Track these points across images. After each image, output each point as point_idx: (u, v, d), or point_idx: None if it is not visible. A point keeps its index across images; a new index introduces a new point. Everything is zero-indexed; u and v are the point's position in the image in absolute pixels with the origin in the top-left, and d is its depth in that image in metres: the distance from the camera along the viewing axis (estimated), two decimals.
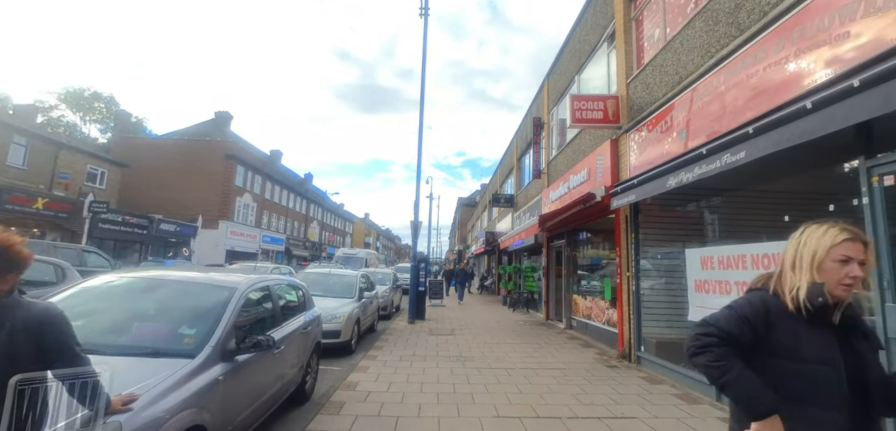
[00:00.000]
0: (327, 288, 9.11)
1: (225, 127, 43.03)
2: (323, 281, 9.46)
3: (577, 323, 10.99)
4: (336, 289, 9.08)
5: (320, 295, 8.59)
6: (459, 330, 11.22)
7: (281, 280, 4.98)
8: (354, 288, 9.12)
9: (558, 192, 11.89)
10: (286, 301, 4.85)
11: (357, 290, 9.08)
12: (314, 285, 9.15)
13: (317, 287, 9.10)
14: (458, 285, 18.26)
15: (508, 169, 22.55)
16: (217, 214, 35.16)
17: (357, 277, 9.57)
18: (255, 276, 4.21)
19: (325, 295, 8.70)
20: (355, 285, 9.25)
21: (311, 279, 9.50)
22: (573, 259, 11.70)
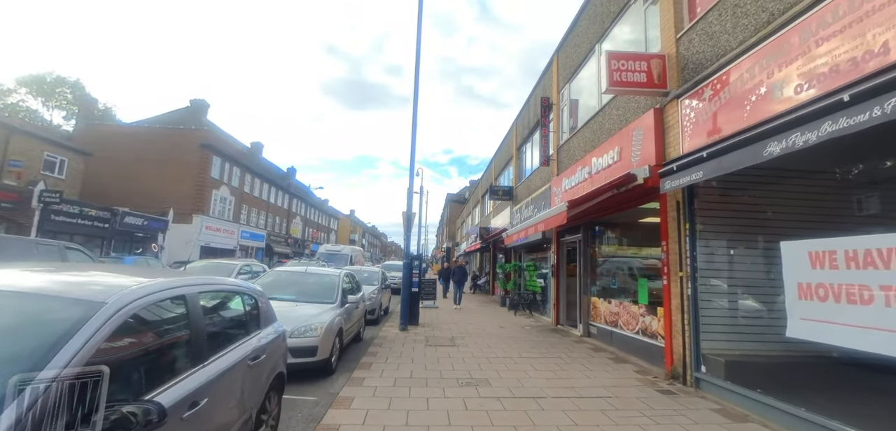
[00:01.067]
0: (302, 291, 7.35)
1: (201, 116, 40.51)
2: (297, 282, 7.69)
3: (598, 331, 9.43)
4: (313, 293, 7.32)
5: (292, 301, 6.87)
6: (461, 338, 9.58)
7: (215, 285, 3.20)
8: (336, 291, 7.38)
9: (574, 179, 10.32)
10: (223, 319, 3.12)
11: (339, 293, 7.34)
12: (285, 288, 7.42)
13: (288, 290, 7.35)
14: (456, 285, 16.05)
15: (506, 159, 20.96)
16: (191, 208, 32.85)
17: (339, 277, 7.82)
18: (160, 281, 2.44)
19: (299, 300, 6.96)
20: (337, 287, 7.51)
21: (282, 280, 7.74)
22: (592, 256, 10.14)
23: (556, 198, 11.87)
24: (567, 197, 10.69)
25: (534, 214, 14.17)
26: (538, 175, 14.51)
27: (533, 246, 15.73)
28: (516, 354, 7.98)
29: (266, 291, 7.46)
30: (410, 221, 10.71)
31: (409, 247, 10.84)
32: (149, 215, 28.02)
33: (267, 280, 7.76)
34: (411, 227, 10.76)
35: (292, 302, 6.81)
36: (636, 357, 7.65)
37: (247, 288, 3.70)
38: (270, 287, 7.39)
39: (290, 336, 5.80)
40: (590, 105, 10.46)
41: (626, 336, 8.16)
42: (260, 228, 43.85)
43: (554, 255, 12.18)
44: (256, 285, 7.76)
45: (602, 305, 9.34)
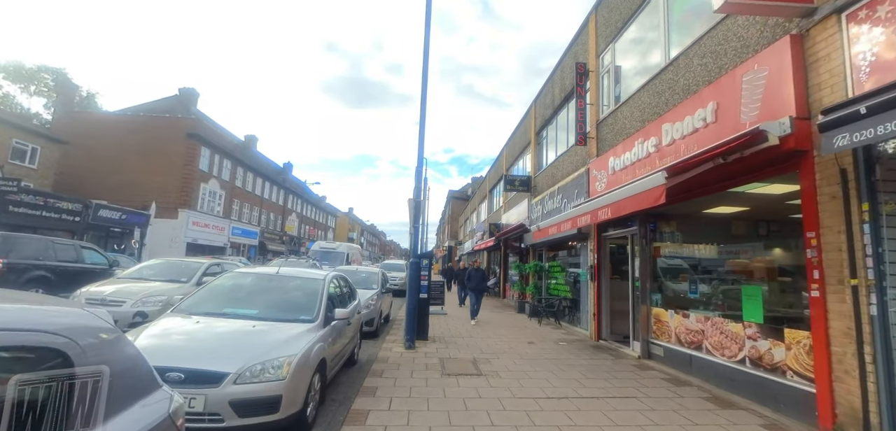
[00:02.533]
0: (270, 303, 5.08)
1: (190, 105, 38.21)
2: (263, 290, 5.39)
3: (666, 353, 7.19)
4: (284, 306, 5.05)
5: (251, 319, 4.62)
6: (485, 360, 7.33)
7: None
8: (317, 304, 5.08)
9: (629, 157, 8.08)
10: None
11: (321, 306, 5.05)
12: (243, 299, 5.18)
13: (249, 301, 5.10)
14: (474, 294, 12.12)
15: (521, 146, 18.71)
16: (176, 202, 30.59)
17: (324, 283, 5.51)
18: None
19: (262, 317, 4.69)
20: (319, 297, 5.21)
21: (239, 288, 5.43)
22: (653, 254, 7.90)
23: (597, 181, 9.62)
24: (617, 180, 8.44)
25: (563, 205, 11.92)
26: (568, 159, 12.26)
27: (556, 243, 13.49)
28: (571, 390, 5.73)
29: (211, 304, 5.27)
30: (419, 209, 8.45)
31: (418, 243, 8.56)
32: (127, 208, 25.73)
33: (217, 285, 5.44)
34: (420, 217, 8.49)
35: (251, 320, 4.55)
36: (745, 397, 5.40)
37: None
38: (220, 297, 5.13)
39: (237, 381, 3.58)
40: (649, 63, 8.21)
41: (720, 364, 5.91)
42: (253, 225, 41.59)
43: (593, 254, 9.93)
44: (199, 294, 5.54)
45: (673, 319, 7.09)
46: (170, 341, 3.84)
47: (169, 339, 3.89)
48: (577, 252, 11.85)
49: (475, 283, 12.19)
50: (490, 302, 18.86)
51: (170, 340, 3.85)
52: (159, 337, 3.92)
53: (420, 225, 8.51)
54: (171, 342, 3.84)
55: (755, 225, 7.16)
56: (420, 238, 8.69)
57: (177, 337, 3.92)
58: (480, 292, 12.24)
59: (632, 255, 8.55)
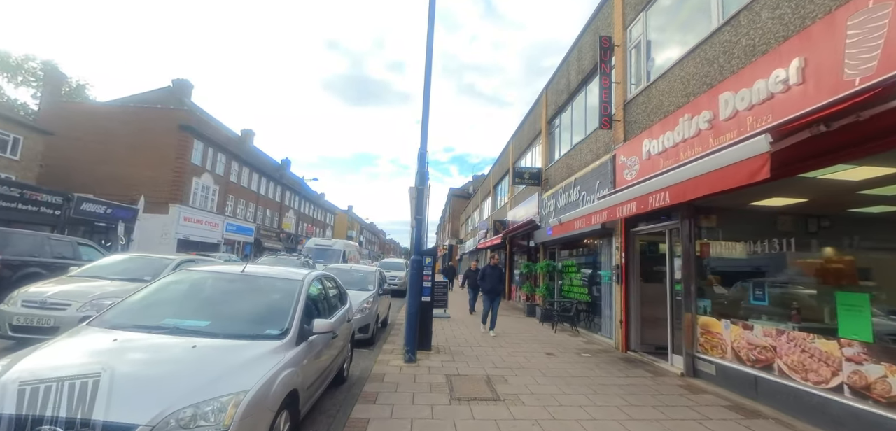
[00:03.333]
0: (227, 314, 3.83)
1: (184, 97, 36.92)
2: (218, 295, 4.14)
3: (719, 371, 5.96)
4: (242, 319, 3.79)
5: (198, 334, 3.41)
6: (501, 378, 6.11)
7: None
8: (289, 313, 3.81)
9: (671, 138, 6.85)
10: None
11: (296, 319, 3.76)
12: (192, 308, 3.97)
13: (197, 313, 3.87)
14: (489, 298, 10.04)
15: (530, 137, 17.46)
16: (167, 196, 29.37)
17: (301, 287, 4.23)
18: None
19: (212, 333, 3.45)
20: (292, 306, 3.92)
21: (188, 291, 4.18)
22: (700, 253, 6.66)
23: (626, 169, 8.39)
24: (653, 165, 7.22)
25: (582, 198, 10.68)
26: (587, 147, 11.03)
27: (571, 241, 12.27)
28: (618, 425, 4.50)
29: (145, 314, 4.01)
30: (422, 198, 7.20)
31: (421, 237, 7.31)
32: (114, 202, 24.47)
33: (159, 288, 4.16)
34: (424, 204, 7.23)
35: (196, 336, 3.31)
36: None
37: None
38: (161, 304, 3.90)
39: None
40: (695, 28, 6.97)
41: (803, 391, 4.68)
42: (248, 221, 40.36)
43: (619, 252, 8.70)
44: (132, 299, 4.28)
45: (729, 331, 5.86)
46: (58, 371, 2.60)
47: (59, 368, 2.65)
48: (597, 250, 10.63)
49: (491, 284, 9.97)
50: None
51: (59, 370, 2.61)
52: (45, 367, 2.69)
53: (423, 218, 7.27)
54: (61, 372, 2.60)
55: (804, 220, 5.96)
56: (423, 232, 7.45)
57: (72, 366, 2.68)
58: (497, 295, 10.06)
59: (671, 254, 7.32)
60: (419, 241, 7.38)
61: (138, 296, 3.92)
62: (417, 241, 7.35)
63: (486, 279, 10.18)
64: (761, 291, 5.49)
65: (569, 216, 8.18)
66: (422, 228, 7.25)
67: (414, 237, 7.50)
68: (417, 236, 7.38)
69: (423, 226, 7.25)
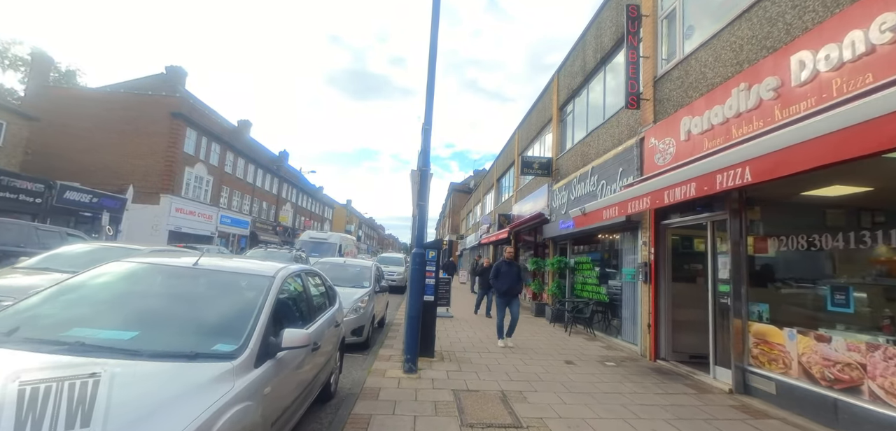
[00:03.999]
0: (163, 322, 2.82)
1: (178, 85, 35.76)
2: (158, 294, 3.11)
3: (780, 389, 4.96)
4: (182, 330, 2.76)
5: (113, 352, 2.36)
6: (519, 395, 5.11)
7: None
8: (249, 322, 2.79)
9: (718, 114, 5.83)
10: None
11: (255, 330, 2.75)
12: (116, 313, 2.93)
13: (122, 320, 2.84)
14: (504, 300, 8.20)
15: (539, 125, 16.41)
16: (159, 186, 28.32)
17: (268, 287, 3.17)
18: None
19: (136, 352, 2.42)
20: (254, 313, 2.88)
21: (128, 292, 3.13)
22: (756, 249, 5.65)
23: (657, 153, 7.37)
24: (695, 146, 6.20)
25: (601, 187, 9.68)
26: (606, 133, 10.00)
27: (584, 236, 11.28)
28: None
29: (48, 320, 2.96)
30: (426, 182, 6.18)
31: (423, 227, 6.28)
32: (100, 191, 23.42)
33: (75, 285, 3.02)
34: (428, 189, 6.21)
35: (107, 356, 2.29)
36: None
37: None
38: (75, 305, 2.88)
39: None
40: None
41: None
42: (244, 214, 39.35)
43: (647, 248, 7.69)
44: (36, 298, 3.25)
45: (795, 342, 4.86)
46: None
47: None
48: (617, 245, 9.62)
49: (507, 284, 8.07)
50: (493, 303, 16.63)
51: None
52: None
53: (426, 204, 6.25)
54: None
55: (857, 214, 5.00)
56: (425, 222, 6.43)
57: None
58: (514, 297, 8.12)
59: (713, 250, 6.31)
60: (421, 233, 6.36)
61: (41, 295, 2.89)
62: (419, 232, 6.33)
63: (501, 277, 8.22)
64: (843, 296, 4.48)
65: (595, 205, 7.14)
66: (424, 216, 6.23)
67: (416, 228, 6.48)
68: (419, 226, 6.36)
69: (425, 215, 6.22)
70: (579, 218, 7.49)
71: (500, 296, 8.31)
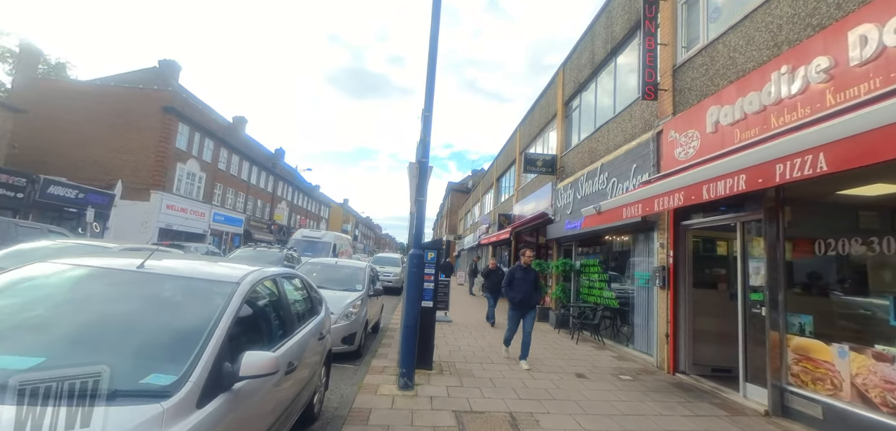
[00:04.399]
0: (62, 345, 2.16)
1: (171, 79, 35.00)
2: (82, 306, 2.45)
3: (828, 414, 4.34)
4: (99, 351, 2.11)
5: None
6: (530, 419, 4.47)
7: None
8: (198, 350, 2.17)
9: (753, 102, 5.21)
10: None
11: (203, 360, 2.12)
12: (20, 332, 2.21)
13: (24, 341, 2.17)
14: (518, 310, 7.04)
15: (542, 123, 15.80)
16: (149, 182, 27.51)
17: (229, 297, 2.51)
18: None
19: (28, 389, 1.75)
20: (205, 336, 2.25)
21: (44, 304, 2.48)
22: (796, 252, 5.03)
23: (679, 147, 6.75)
24: (725, 138, 5.59)
25: (611, 186, 9.06)
26: (617, 127, 9.38)
27: (592, 237, 10.67)
28: None
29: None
30: (425, 174, 5.53)
31: (422, 224, 5.63)
32: (87, 187, 22.66)
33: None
34: (427, 182, 5.56)
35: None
36: None
37: None
38: None
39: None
40: None
41: None
42: (238, 212, 38.57)
43: (665, 250, 7.07)
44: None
45: (846, 361, 4.24)
46: None
47: None
48: (628, 247, 9.00)
49: (522, 293, 6.87)
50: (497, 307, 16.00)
51: None
52: None
53: (425, 200, 5.60)
54: None
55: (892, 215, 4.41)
56: (424, 219, 5.77)
57: None
58: (530, 309, 6.95)
59: (743, 253, 5.69)
60: (419, 231, 5.70)
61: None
62: (417, 231, 5.68)
63: (514, 286, 6.99)
64: None
65: (613, 203, 6.49)
66: (422, 214, 5.58)
67: (413, 226, 5.82)
68: (417, 225, 5.70)
69: (423, 212, 5.57)
70: (593, 218, 6.85)
71: (513, 307, 7.15)
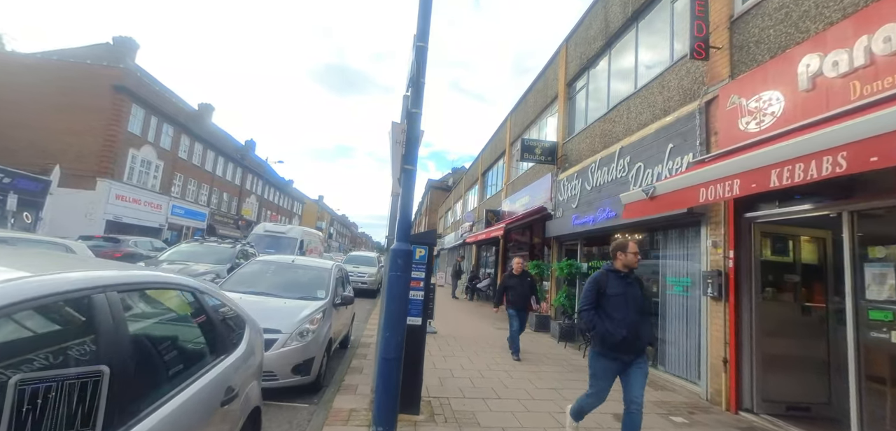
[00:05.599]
0: None
1: (126, 58, 31.87)
2: None
3: None
4: None
5: None
6: None
7: None
8: None
9: (875, 44, 3.64)
10: None
11: None
12: None
13: None
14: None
15: (539, 108, 14.18)
16: (95, 168, 24.63)
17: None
18: None
19: None
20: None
21: None
22: None
23: (743, 115, 5.16)
24: (822, 100, 4.00)
25: (636, 172, 7.47)
26: (642, 102, 7.80)
27: (599, 235, 9.11)
28: None
29: None
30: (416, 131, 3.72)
31: (409, 204, 3.81)
32: (15, 171, 19.79)
33: None
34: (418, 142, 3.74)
35: None
36: None
37: None
38: None
39: None
40: None
41: None
42: (201, 205, 35.69)
43: (722, 251, 5.48)
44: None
45: None
46: None
47: None
48: (657, 247, 7.43)
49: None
50: (484, 312, 14.32)
51: None
52: None
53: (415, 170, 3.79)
54: None
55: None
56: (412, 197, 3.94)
57: None
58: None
59: (854, 256, 4.11)
60: (407, 218, 3.88)
61: None
62: (403, 217, 3.85)
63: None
64: None
65: (679, 183, 4.76)
66: (411, 190, 3.76)
67: (397, 210, 3.99)
68: (404, 208, 3.88)
69: (412, 186, 3.76)
70: (639, 205, 5.18)
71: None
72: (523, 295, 7.56)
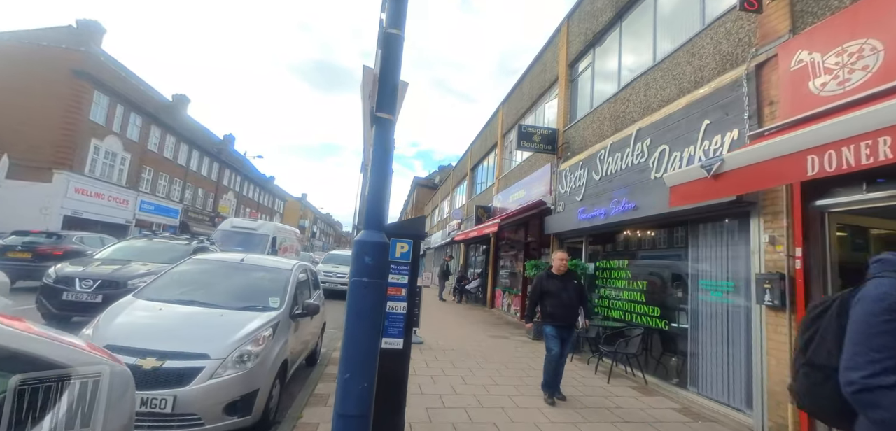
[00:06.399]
0: None
1: (91, 43, 29.72)
2: None
3: None
4: None
5: None
6: None
7: None
8: None
9: None
10: None
11: None
12: None
13: None
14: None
15: (535, 94, 13.01)
16: (52, 159, 22.67)
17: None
18: None
19: None
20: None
21: None
22: None
23: (814, 78, 4.03)
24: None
25: (660, 156, 6.32)
26: (665, 74, 6.67)
27: (609, 232, 7.99)
28: None
29: None
30: (397, 71, 2.47)
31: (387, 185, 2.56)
32: None
33: None
34: (398, 90, 2.48)
35: None
36: None
37: None
38: None
39: None
40: None
41: None
42: (173, 201, 33.65)
43: (786, 248, 4.34)
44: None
45: None
46: None
47: None
48: (681, 243, 6.30)
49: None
50: (475, 314, 13.10)
51: None
52: None
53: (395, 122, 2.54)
54: None
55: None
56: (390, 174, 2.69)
57: None
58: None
59: None
60: (379, 195, 2.61)
61: None
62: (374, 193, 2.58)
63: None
64: None
65: (778, 147, 3.47)
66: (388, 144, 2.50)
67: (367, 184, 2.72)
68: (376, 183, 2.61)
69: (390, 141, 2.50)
70: (692, 186, 3.97)
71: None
72: (569, 306, 5.20)
